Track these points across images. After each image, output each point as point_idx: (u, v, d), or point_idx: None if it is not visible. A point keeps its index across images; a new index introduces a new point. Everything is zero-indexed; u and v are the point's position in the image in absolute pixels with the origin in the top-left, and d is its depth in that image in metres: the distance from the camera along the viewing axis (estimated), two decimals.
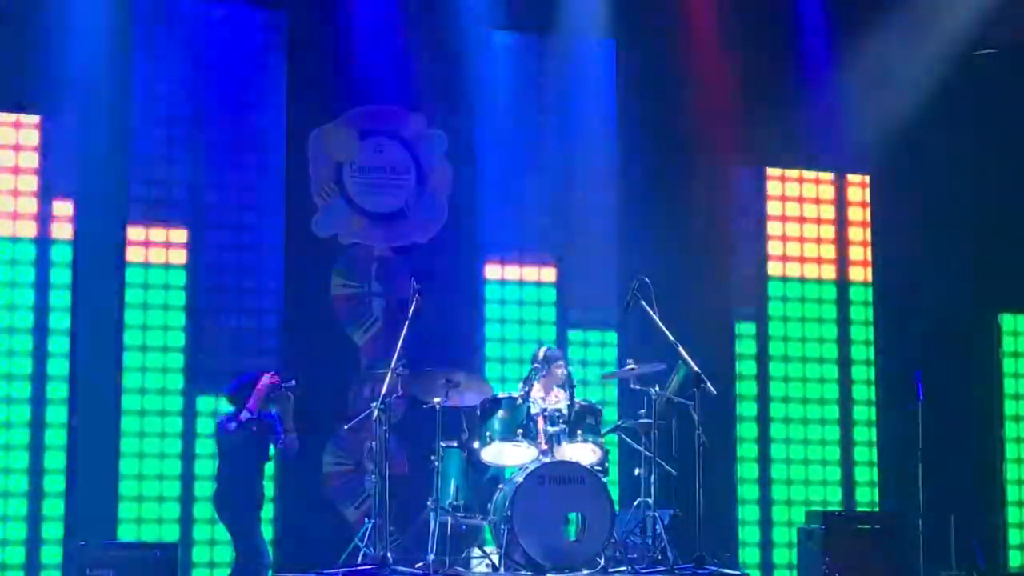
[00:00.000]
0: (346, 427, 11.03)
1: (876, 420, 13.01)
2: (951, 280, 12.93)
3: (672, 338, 10.23)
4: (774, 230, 13.11)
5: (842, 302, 13.15)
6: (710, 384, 10.10)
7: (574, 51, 12.73)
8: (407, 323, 10.23)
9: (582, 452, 10.38)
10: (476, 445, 10.36)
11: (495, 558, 10.05)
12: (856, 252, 13.23)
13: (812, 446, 12.92)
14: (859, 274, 13.21)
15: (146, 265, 11.74)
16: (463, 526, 10.34)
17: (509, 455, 10.37)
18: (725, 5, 12.80)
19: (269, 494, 10.88)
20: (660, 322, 10.27)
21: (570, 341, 12.40)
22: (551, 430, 10.37)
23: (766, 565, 12.65)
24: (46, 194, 11.52)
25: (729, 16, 12.75)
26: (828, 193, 13.29)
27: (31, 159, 11.55)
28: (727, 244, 12.92)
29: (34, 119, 11.59)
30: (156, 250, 11.76)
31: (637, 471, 10.65)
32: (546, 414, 10.42)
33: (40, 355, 11.40)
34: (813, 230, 13.19)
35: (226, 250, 11.95)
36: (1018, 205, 13.07)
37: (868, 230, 13.27)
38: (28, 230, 11.48)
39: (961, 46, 12.92)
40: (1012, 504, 13.16)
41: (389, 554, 9.80)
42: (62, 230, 11.52)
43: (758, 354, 12.92)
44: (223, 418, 10.33)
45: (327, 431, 11.80)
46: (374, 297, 12.25)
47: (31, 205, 11.51)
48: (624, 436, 11.04)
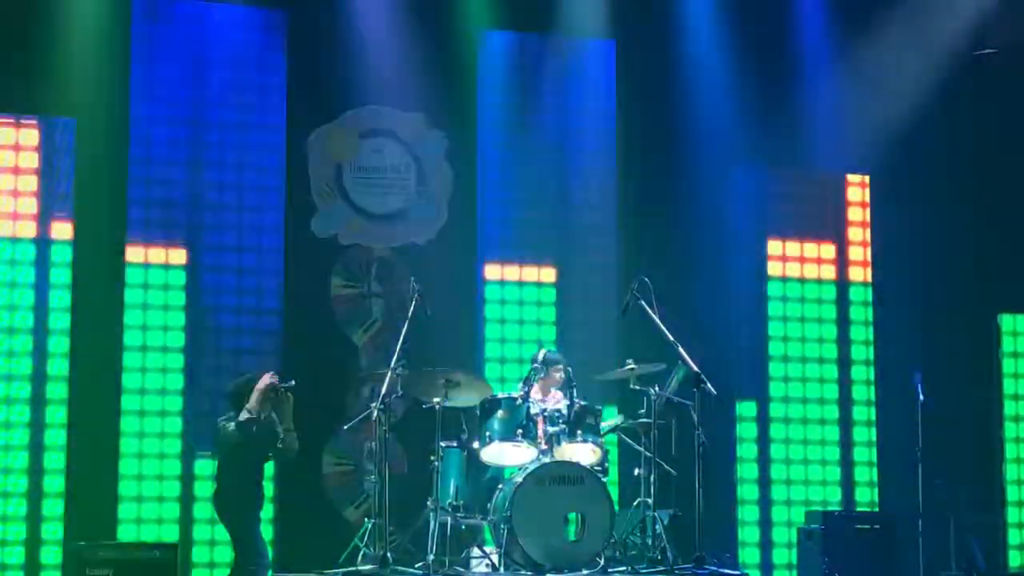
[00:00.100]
0: (346, 427, 11.03)
1: (876, 420, 13.00)
2: (951, 280, 12.93)
3: (672, 338, 10.24)
4: (774, 230, 13.10)
5: (842, 302, 13.15)
6: (710, 384, 10.10)
7: (574, 51, 12.72)
8: (407, 323, 10.23)
9: (582, 452, 10.37)
10: (476, 445, 10.35)
11: (495, 558, 10.04)
12: (856, 252, 13.23)
13: (812, 446, 12.91)
14: (859, 274, 13.20)
15: (146, 265, 11.73)
16: (463, 526, 10.33)
17: (509, 455, 10.36)
18: (725, 6, 12.80)
19: (269, 494, 10.86)
20: (660, 322, 10.28)
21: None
22: (551, 430, 10.36)
23: (766, 565, 12.63)
24: (46, 195, 11.53)
25: (729, 16, 12.76)
26: (828, 193, 13.29)
27: (31, 160, 11.56)
28: (727, 244, 12.91)
29: (34, 119, 11.58)
30: (156, 250, 11.76)
31: (637, 471, 10.65)
32: (546, 414, 10.41)
33: (40, 355, 11.40)
34: (811, 230, 13.18)
35: (226, 250, 11.95)
36: (1018, 205, 13.06)
37: (868, 230, 13.26)
38: (28, 230, 11.49)
39: (961, 46, 12.92)
40: (1012, 504, 13.14)
41: (389, 554, 9.81)
42: (62, 230, 11.53)
43: (758, 354, 12.91)
44: (223, 418, 10.32)
45: (327, 431, 11.80)
46: (374, 297, 12.25)
47: (31, 205, 11.52)
48: (624, 436, 11.04)
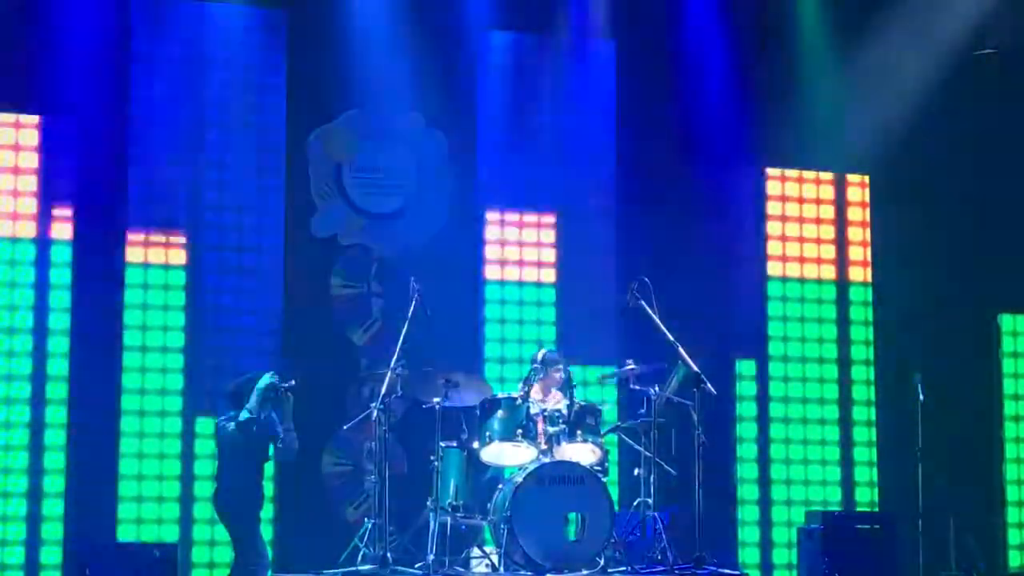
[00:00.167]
0: (345, 427, 11.03)
1: (876, 420, 13.00)
2: (951, 280, 12.93)
3: (672, 338, 10.24)
4: (774, 230, 13.10)
5: (842, 302, 13.15)
6: (710, 384, 10.10)
7: (574, 51, 12.72)
8: (406, 323, 10.24)
9: (582, 452, 10.38)
10: (476, 445, 10.36)
11: (495, 558, 10.05)
12: (856, 252, 13.22)
13: (812, 446, 12.90)
14: (859, 274, 13.20)
15: (146, 265, 11.72)
16: (463, 526, 10.34)
17: (509, 455, 10.36)
18: (725, 6, 12.80)
19: (269, 494, 10.86)
20: (660, 322, 10.27)
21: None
22: (551, 430, 10.36)
23: (766, 565, 12.64)
24: (46, 195, 11.52)
25: (729, 16, 12.76)
26: (828, 193, 13.28)
27: (31, 159, 11.56)
28: (727, 244, 12.91)
29: (34, 119, 11.59)
30: (156, 250, 11.76)
31: (637, 471, 10.65)
32: (546, 414, 10.41)
33: (40, 355, 11.40)
34: (813, 230, 13.18)
35: (226, 250, 11.94)
36: (1018, 205, 13.06)
37: (868, 230, 13.26)
38: (28, 230, 11.49)
39: (961, 46, 12.91)
40: (1012, 504, 13.15)
41: (389, 554, 9.82)
42: (62, 230, 11.53)
43: (757, 354, 12.91)
44: (223, 418, 10.32)
45: (327, 431, 11.79)
46: (373, 297, 12.24)
47: (31, 205, 11.51)
48: (624, 436, 11.04)
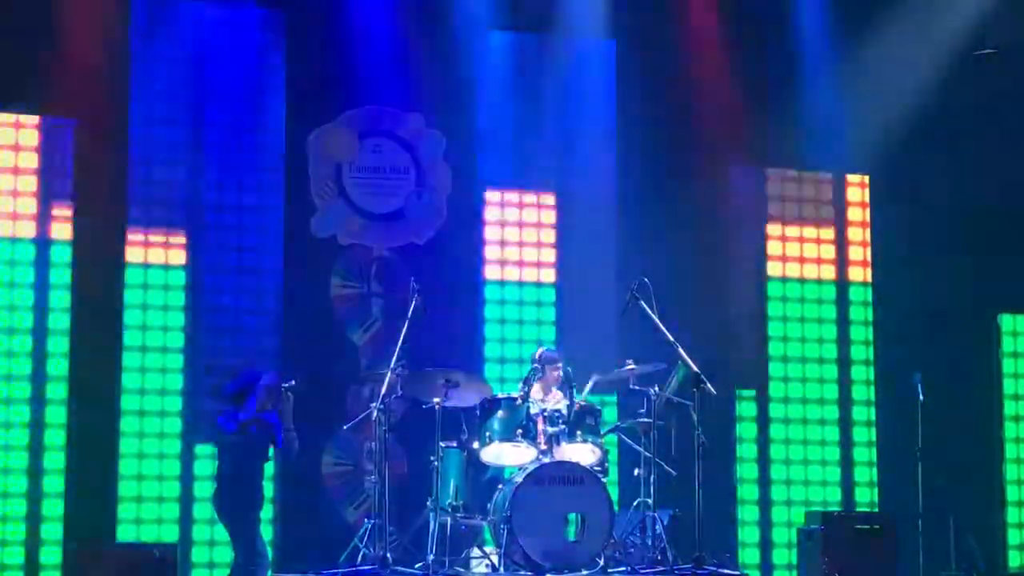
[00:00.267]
0: (345, 427, 11.03)
1: (875, 420, 13.00)
2: (951, 280, 12.92)
3: (671, 338, 10.23)
4: (774, 230, 13.10)
5: (842, 302, 13.14)
6: (709, 384, 10.10)
7: (574, 51, 12.71)
8: (406, 323, 10.23)
9: (581, 452, 10.37)
10: (476, 445, 10.35)
11: (494, 558, 10.04)
12: (856, 252, 13.22)
13: (812, 446, 12.91)
14: (859, 274, 13.20)
15: (146, 265, 11.73)
16: (463, 526, 10.33)
17: (509, 455, 10.36)
18: (725, 5, 12.80)
19: (269, 494, 10.86)
20: (660, 322, 10.27)
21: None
22: (551, 430, 10.34)
23: (766, 565, 12.63)
24: (46, 195, 11.52)
25: (729, 16, 12.76)
26: (828, 193, 13.28)
27: (31, 159, 11.56)
28: (727, 244, 12.91)
29: (34, 119, 11.59)
30: (155, 250, 11.76)
31: (637, 471, 10.64)
32: (545, 414, 10.40)
33: (40, 355, 11.40)
34: (813, 230, 13.18)
35: (225, 250, 11.94)
36: (1018, 205, 13.05)
37: (868, 230, 13.26)
38: (28, 230, 11.49)
39: (961, 46, 12.91)
40: (1012, 504, 13.15)
41: (389, 554, 9.82)
42: (62, 230, 11.53)
43: (757, 355, 12.90)
44: (222, 418, 10.31)
45: (327, 431, 11.79)
46: (373, 297, 12.24)
47: (30, 206, 11.51)
48: (624, 436, 11.04)
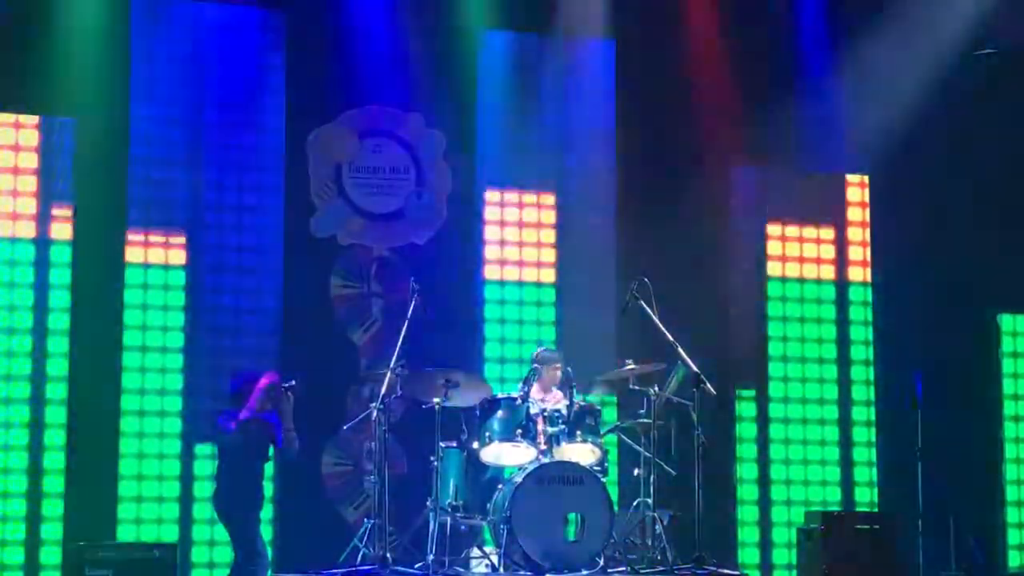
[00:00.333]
0: (345, 427, 11.03)
1: (875, 420, 13.00)
2: (951, 280, 12.92)
3: (671, 338, 10.23)
4: (774, 230, 13.10)
5: (841, 302, 13.14)
6: (709, 384, 10.10)
7: (573, 51, 12.71)
8: (406, 323, 10.23)
9: (581, 452, 10.37)
10: (475, 445, 10.35)
11: (494, 558, 10.04)
12: (856, 252, 13.22)
13: (811, 446, 12.90)
14: (859, 274, 13.20)
15: (146, 265, 11.73)
16: (462, 526, 10.34)
17: (508, 455, 10.36)
18: (725, 6, 12.80)
19: (269, 494, 10.86)
20: (659, 322, 10.27)
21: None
22: (550, 430, 10.34)
23: (765, 565, 12.63)
24: (46, 195, 11.53)
25: (728, 16, 12.76)
26: (828, 193, 13.28)
27: (30, 160, 11.56)
28: (727, 244, 12.91)
29: (34, 119, 11.59)
30: (155, 250, 11.76)
31: (636, 471, 10.64)
32: (545, 414, 10.40)
33: (39, 355, 11.40)
34: (813, 230, 13.18)
35: (225, 250, 11.95)
36: (1018, 205, 13.05)
37: (868, 230, 13.26)
38: (28, 230, 11.49)
39: (961, 46, 12.91)
40: (1012, 504, 13.15)
41: (388, 554, 9.81)
42: (62, 230, 11.53)
43: (757, 355, 12.90)
44: (222, 418, 10.32)
45: (327, 431, 11.78)
46: (373, 297, 12.24)
47: (30, 206, 11.51)
48: (624, 436, 11.04)
